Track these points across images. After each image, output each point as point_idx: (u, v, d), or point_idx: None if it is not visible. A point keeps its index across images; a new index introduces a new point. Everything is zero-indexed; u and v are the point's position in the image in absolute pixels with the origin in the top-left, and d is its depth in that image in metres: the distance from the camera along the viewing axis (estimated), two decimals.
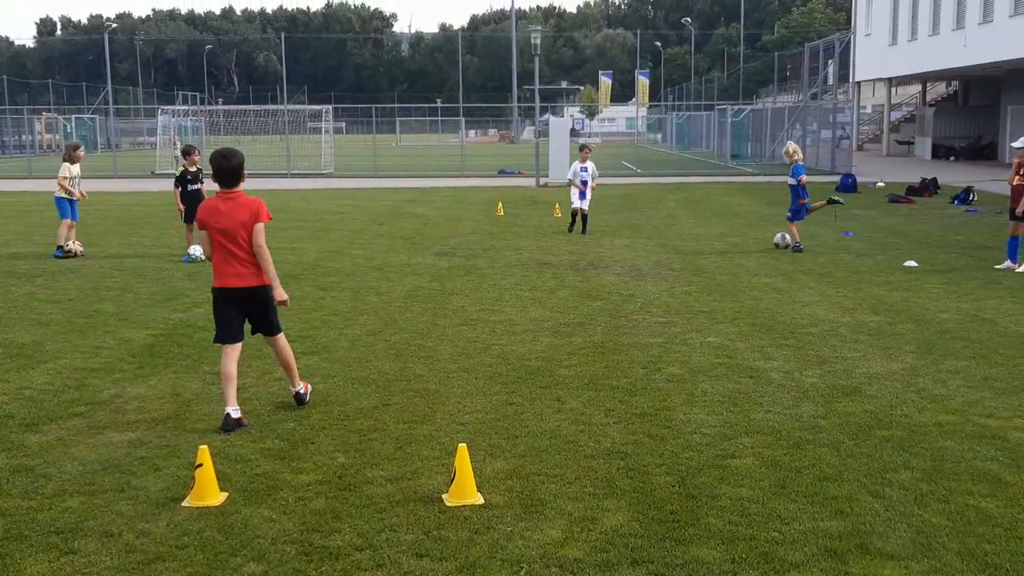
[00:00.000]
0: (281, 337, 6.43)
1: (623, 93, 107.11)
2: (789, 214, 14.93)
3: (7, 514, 4.93)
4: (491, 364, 7.89)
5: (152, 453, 5.79)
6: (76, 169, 14.44)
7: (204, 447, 5.08)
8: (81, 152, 14.77)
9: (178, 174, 14.23)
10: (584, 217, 16.87)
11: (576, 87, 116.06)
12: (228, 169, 6.10)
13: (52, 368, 7.77)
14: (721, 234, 17.19)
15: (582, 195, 16.75)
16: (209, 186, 14.06)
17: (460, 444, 5.14)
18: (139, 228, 18.56)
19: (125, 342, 8.73)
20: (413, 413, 6.57)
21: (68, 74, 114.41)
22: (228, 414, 6.13)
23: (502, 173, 37.89)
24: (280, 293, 6.27)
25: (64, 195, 14.41)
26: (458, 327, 9.35)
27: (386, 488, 5.22)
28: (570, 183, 17.15)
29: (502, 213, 21.13)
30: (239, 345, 6.24)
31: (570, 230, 16.90)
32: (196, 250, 13.75)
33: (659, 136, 77.20)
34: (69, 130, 66.78)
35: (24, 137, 59.60)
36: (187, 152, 14.23)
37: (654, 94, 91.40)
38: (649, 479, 5.33)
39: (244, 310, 6.22)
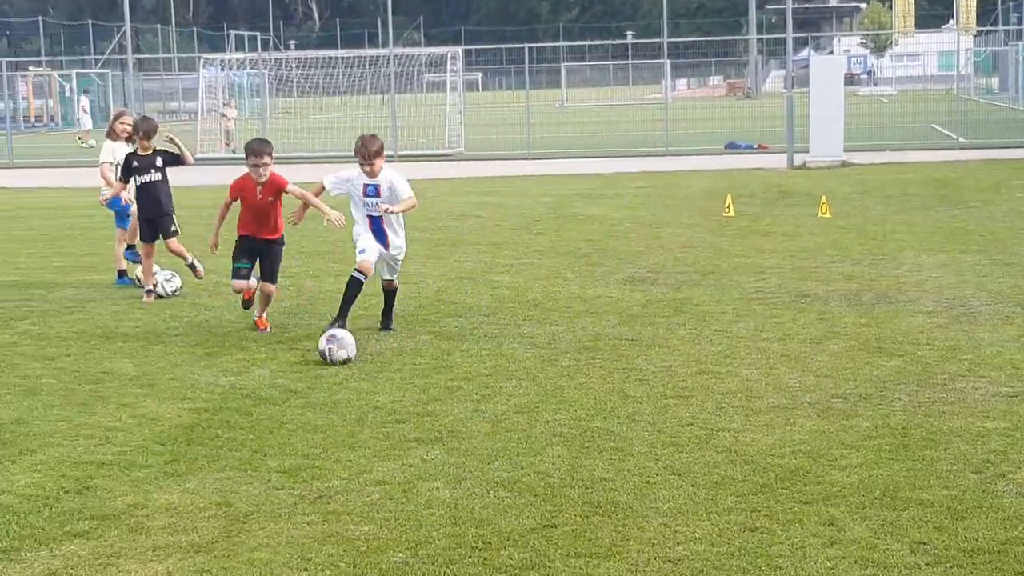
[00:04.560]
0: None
1: (932, 13, 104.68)
2: None
3: None
4: (717, 462, 7.82)
5: None
6: (122, 149, 15.03)
7: None
8: (124, 122, 15.35)
9: (121, 161, 14.40)
10: (388, 293, 12.30)
11: (853, 5, 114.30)
12: None
13: (40, 462, 8.13)
14: None
15: (378, 233, 11.96)
16: (175, 175, 14.50)
17: None
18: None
19: (150, 421, 9.06)
20: (592, 541, 6.56)
21: (65, 9, 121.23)
22: None
23: (732, 147, 37.66)
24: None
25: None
26: (663, 400, 9.32)
27: None
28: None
29: (732, 213, 20.97)
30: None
31: (335, 319, 11.56)
32: (167, 279, 14.23)
33: (994, 81, 74.89)
34: (68, 93, 70.79)
35: (1, 105, 63.32)
36: (145, 131, 14.23)
37: (986, 13, 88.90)
38: None
39: None
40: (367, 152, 11.66)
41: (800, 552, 6.35)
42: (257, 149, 11.92)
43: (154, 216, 14.14)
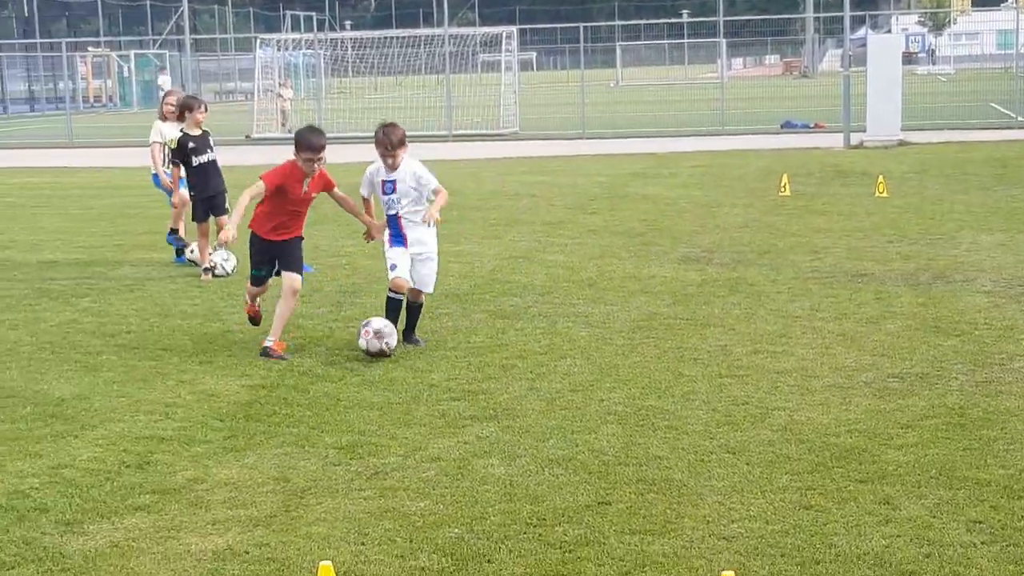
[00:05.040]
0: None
1: None
2: None
3: None
4: (772, 441, 7.83)
5: (249, 570, 6.07)
6: (169, 129, 15.23)
7: (327, 564, 5.26)
8: (169, 102, 15.56)
9: (174, 144, 14.48)
10: (414, 309, 10.90)
11: None
12: None
13: (102, 437, 8.28)
14: None
15: (395, 238, 10.77)
16: (226, 156, 14.51)
17: (724, 572, 5.11)
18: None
19: (209, 398, 9.20)
20: (647, 518, 6.60)
21: None
22: None
23: (788, 127, 37.47)
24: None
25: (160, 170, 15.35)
26: (718, 380, 9.34)
27: None
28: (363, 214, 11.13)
29: (788, 192, 20.89)
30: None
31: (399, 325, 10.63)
32: (220, 259, 14.32)
33: None
34: (126, 73, 71.39)
35: (61, 86, 63.91)
36: (188, 107, 14.46)
37: None
38: None
39: None
40: (389, 142, 10.54)
41: (855, 530, 6.36)
42: (316, 144, 10.45)
43: (213, 194, 14.41)
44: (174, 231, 15.34)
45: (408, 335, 10.80)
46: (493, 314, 11.94)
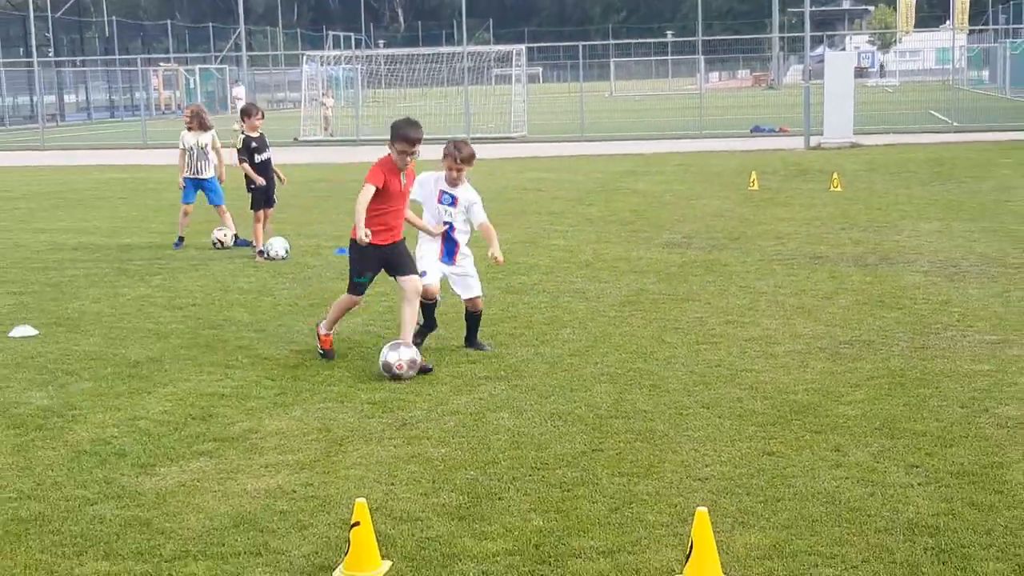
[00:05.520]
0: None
1: (932, 14, 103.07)
2: None
3: None
4: (741, 398, 7.86)
5: (296, 506, 6.10)
6: (188, 137, 15.40)
7: (361, 501, 5.30)
8: (184, 114, 15.90)
9: (239, 145, 14.67)
10: (473, 317, 9.66)
11: (864, 8, 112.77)
12: None
13: (172, 393, 8.33)
14: None
15: (447, 255, 9.52)
16: (277, 155, 14.53)
17: (699, 508, 5.13)
18: (279, 212, 19.53)
19: (262, 361, 9.23)
20: (633, 463, 6.63)
21: (190, 13, 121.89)
22: None
23: (757, 131, 37.40)
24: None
25: (187, 173, 15.51)
26: (695, 346, 9.35)
27: (598, 564, 5.29)
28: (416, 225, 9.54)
29: (756, 187, 20.87)
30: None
31: (418, 339, 9.31)
32: (278, 245, 14.39)
33: (985, 74, 73.77)
34: (192, 85, 71.41)
35: (137, 95, 63.91)
36: (248, 112, 14.71)
37: (978, 15, 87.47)
38: (971, 566, 5.17)
39: None
40: (460, 156, 9.37)
41: (810, 473, 6.38)
42: (412, 136, 8.88)
43: (269, 187, 14.62)
44: (182, 238, 15.70)
45: (471, 340, 9.60)
46: (504, 290, 11.97)
